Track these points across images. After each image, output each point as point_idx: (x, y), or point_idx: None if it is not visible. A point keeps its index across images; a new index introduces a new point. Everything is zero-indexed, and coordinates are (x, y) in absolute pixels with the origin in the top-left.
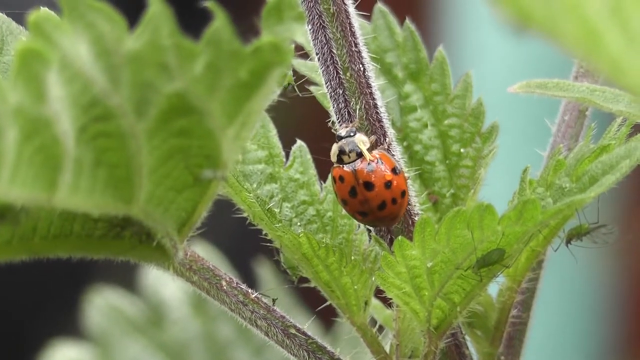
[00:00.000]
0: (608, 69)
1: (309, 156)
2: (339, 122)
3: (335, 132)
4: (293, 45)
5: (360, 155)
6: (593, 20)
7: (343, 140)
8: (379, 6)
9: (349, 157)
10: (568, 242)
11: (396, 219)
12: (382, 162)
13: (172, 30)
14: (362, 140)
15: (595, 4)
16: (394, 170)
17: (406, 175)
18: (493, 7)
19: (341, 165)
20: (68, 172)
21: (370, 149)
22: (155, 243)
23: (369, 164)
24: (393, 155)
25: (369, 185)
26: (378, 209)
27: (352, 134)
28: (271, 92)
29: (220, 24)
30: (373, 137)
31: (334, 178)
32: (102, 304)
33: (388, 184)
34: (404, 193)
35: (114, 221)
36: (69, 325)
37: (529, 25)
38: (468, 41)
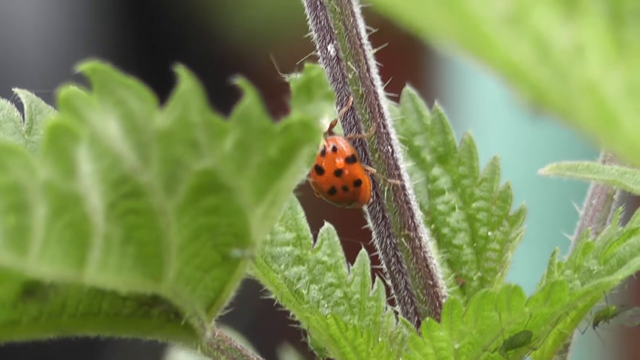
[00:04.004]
0: (626, 151)
1: (336, 238)
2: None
3: None
4: (323, 124)
5: None
6: (610, 102)
7: None
8: (408, 89)
9: None
10: (595, 324)
11: (356, 204)
12: (337, 149)
13: (202, 107)
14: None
15: (613, 85)
16: (347, 159)
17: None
18: (507, 88)
19: None
20: (97, 249)
21: (330, 132)
22: (184, 322)
23: (322, 148)
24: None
25: (319, 170)
26: (329, 193)
27: None
28: (300, 171)
29: (250, 101)
30: (334, 120)
31: None
32: None
33: (338, 172)
34: (358, 182)
35: (142, 299)
36: None
37: (545, 107)
38: (483, 122)
